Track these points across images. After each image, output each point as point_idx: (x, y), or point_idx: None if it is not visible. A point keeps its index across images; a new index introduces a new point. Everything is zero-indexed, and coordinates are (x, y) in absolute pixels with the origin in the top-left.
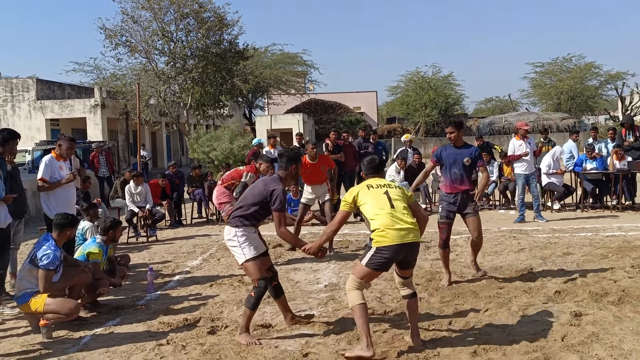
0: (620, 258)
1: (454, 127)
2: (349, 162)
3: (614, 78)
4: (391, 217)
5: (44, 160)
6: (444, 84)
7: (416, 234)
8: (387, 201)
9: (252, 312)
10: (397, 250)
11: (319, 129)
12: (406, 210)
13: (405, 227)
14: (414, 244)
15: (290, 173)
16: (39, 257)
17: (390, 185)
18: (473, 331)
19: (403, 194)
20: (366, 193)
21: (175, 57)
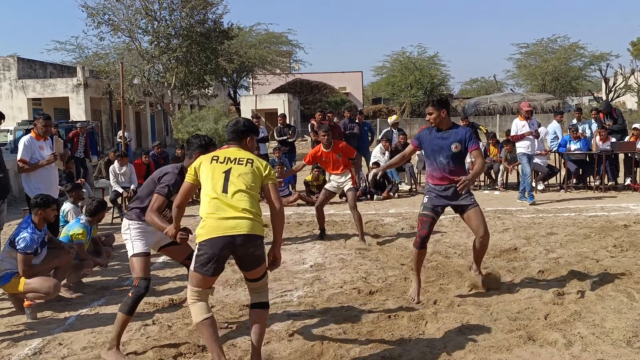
0: (603, 238)
1: (434, 107)
2: None
3: (598, 59)
4: (217, 203)
5: (22, 140)
6: (430, 64)
7: (250, 224)
8: (222, 182)
9: (126, 318)
10: (216, 244)
11: (304, 109)
12: (244, 196)
13: (231, 215)
14: (245, 237)
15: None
16: (16, 241)
17: (241, 160)
18: (458, 310)
19: (252, 174)
20: (207, 167)
21: (159, 36)
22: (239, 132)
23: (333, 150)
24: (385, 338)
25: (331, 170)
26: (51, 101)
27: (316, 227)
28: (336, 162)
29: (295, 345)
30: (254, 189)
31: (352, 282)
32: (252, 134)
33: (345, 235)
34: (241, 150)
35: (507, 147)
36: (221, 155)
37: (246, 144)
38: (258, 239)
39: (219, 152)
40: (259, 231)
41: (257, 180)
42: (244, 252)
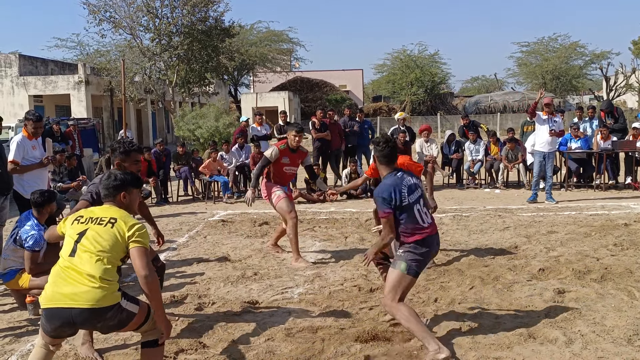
0: (603, 236)
1: None
2: (334, 140)
3: (599, 57)
4: (62, 267)
5: (14, 140)
6: (430, 62)
7: (90, 296)
8: (73, 244)
9: None
10: (53, 315)
11: (305, 107)
12: (92, 259)
13: (72, 284)
14: (83, 312)
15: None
16: (23, 238)
17: (102, 220)
18: (458, 308)
19: (110, 236)
20: (68, 227)
21: (161, 34)
22: (109, 188)
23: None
24: (386, 336)
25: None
26: (52, 98)
27: (316, 226)
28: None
29: (296, 342)
30: (109, 252)
31: (353, 279)
32: (128, 188)
33: (346, 234)
34: (112, 208)
35: (510, 145)
36: (86, 214)
37: (121, 200)
38: (106, 312)
39: (86, 211)
40: (106, 302)
41: (116, 244)
42: (90, 326)
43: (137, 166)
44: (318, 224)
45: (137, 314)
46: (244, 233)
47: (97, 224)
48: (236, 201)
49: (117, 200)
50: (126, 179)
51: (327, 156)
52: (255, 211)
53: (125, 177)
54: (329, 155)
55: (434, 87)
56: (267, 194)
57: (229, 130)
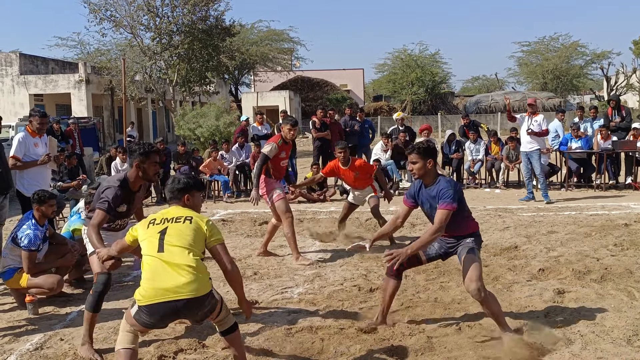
0: (604, 237)
1: (414, 154)
2: (335, 140)
3: (600, 57)
4: (154, 264)
5: (17, 137)
6: (431, 62)
7: (192, 286)
8: (157, 242)
9: (93, 316)
10: (157, 310)
11: (305, 106)
12: (183, 252)
13: (171, 276)
14: (189, 302)
15: (136, 171)
16: (19, 238)
17: (179, 219)
18: (458, 308)
19: (192, 232)
20: (143, 231)
21: (161, 33)
22: (174, 191)
23: (350, 169)
24: (385, 336)
25: (352, 185)
26: (53, 97)
27: (317, 225)
28: (353, 180)
29: (296, 341)
30: (194, 246)
31: (353, 279)
32: (191, 191)
33: (346, 235)
34: (181, 208)
35: (511, 145)
36: (158, 217)
37: (185, 202)
38: (204, 300)
39: (157, 215)
40: (204, 290)
41: (199, 239)
42: (192, 316)
43: (155, 168)
44: (319, 223)
45: (218, 301)
46: (244, 232)
47: (175, 222)
48: (236, 200)
49: (182, 202)
50: (189, 183)
51: (327, 155)
52: (256, 211)
53: (189, 181)
54: (329, 155)
55: (435, 86)
56: (267, 191)
57: (230, 130)
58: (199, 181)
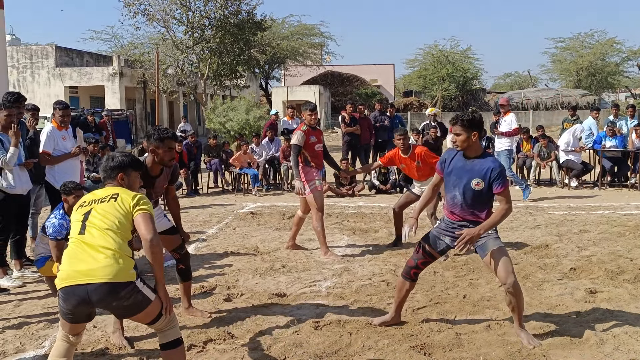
0: (638, 236)
1: (459, 126)
2: (364, 135)
3: (637, 54)
4: (74, 246)
5: (44, 132)
6: (463, 57)
7: (107, 270)
8: (80, 224)
9: None
10: (71, 294)
11: (335, 101)
12: (104, 234)
13: (86, 260)
14: (100, 287)
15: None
16: (46, 226)
17: (104, 199)
18: (488, 305)
19: (115, 210)
20: (74, 214)
21: (194, 27)
22: (108, 170)
23: (411, 158)
24: (413, 331)
25: (412, 177)
26: (87, 89)
27: (345, 220)
28: (415, 170)
29: (324, 335)
30: (120, 227)
31: (381, 274)
32: (126, 169)
33: (374, 229)
34: (112, 188)
35: (543, 142)
36: (88, 198)
37: (119, 182)
38: (121, 288)
39: (87, 196)
40: (122, 277)
41: (123, 216)
42: (106, 304)
43: (170, 153)
44: (346, 218)
45: (152, 301)
46: (273, 225)
47: (100, 202)
48: (265, 194)
49: (116, 182)
50: (124, 161)
51: (356, 150)
52: (284, 204)
53: (124, 159)
54: (358, 150)
55: (466, 82)
56: (306, 180)
57: (259, 124)
58: (136, 160)
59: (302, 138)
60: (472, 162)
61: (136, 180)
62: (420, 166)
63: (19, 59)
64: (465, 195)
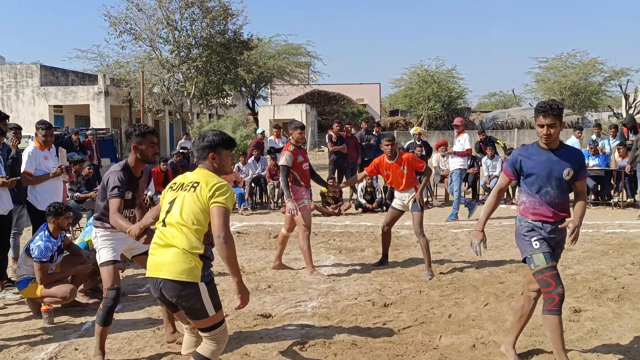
0: (621, 255)
1: (553, 115)
2: (351, 154)
3: (618, 74)
4: (156, 237)
5: (26, 151)
6: (448, 77)
7: (172, 267)
8: (165, 213)
9: (104, 329)
10: (151, 284)
11: (322, 120)
12: (178, 229)
13: (162, 252)
14: (165, 283)
15: (134, 153)
16: (31, 248)
17: (187, 186)
18: (473, 325)
19: (193, 201)
20: (164, 195)
21: (180, 46)
22: (198, 149)
23: (397, 162)
24: (399, 352)
25: (394, 185)
26: (72, 108)
27: (331, 239)
28: (400, 176)
29: (309, 356)
30: (193, 219)
31: (367, 293)
32: (217, 148)
33: (360, 248)
34: (201, 171)
35: None
36: (178, 181)
37: (211, 162)
38: (182, 288)
39: (179, 178)
40: (185, 276)
41: (201, 210)
42: (172, 300)
43: (153, 148)
44: (333, 237)
45: (209, 317)
46: (259, 245)
47: (184, 190)
48: (252, 213)
49: (208, 161)
50: (214, 140)
51: (343, 169)
52: (271, 223)
53: (214, 137)
54: (345, 169)
55: (451, 102)
56: (295, 199)
57: (246, 142)
58: (227, 138)
59: (290, 158)
60: (557, 152)
61: (227, 159)
62: (406, 172)
63: (3, 78)
64: (559, 188)
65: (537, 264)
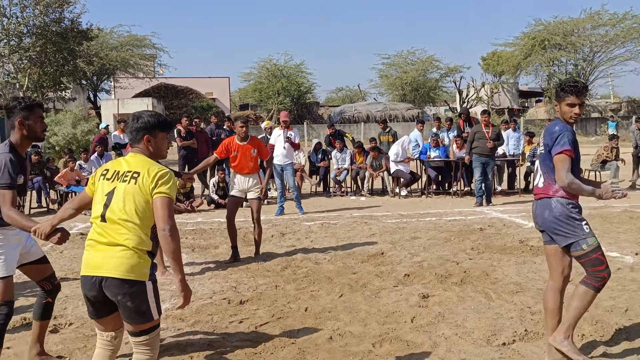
0: (462, 241)
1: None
2: (201, 149)
3: (453, 71)
4: (94, 231)
5: None
6: (296, 72)
7: (118, 263)
8: (102, 206)
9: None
10: (84, 284)
11: (170, 114)
12: (122, 225)
13: (101, 249)
14: (109, 281)
15: (20, 130)
16: None
17: (126, 176)
18: (329, 317)
19: (136, 194)
20: (97, 183)
21: (9, 34)
22: (133, 131)
23: (250, 144)
24: (257, 350)
25: (238, 168)
26: None
27: (183, 237)
28: (249, 159)
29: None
30: (137, 213)
31: (222, 292)
32: (154, 131)
33: (214, 245)
34: (136, 157)
35: (373, 154)
36: (111, 168)
37: (146, 146)
38: (129, 286)
39: (112, 164)
40: (133, 274)
41: (145, 202)
42: (114, 299)
43: (43, 124)
44: (185, 235)
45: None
46: None
47: (122, 180)
48: None
49: (143, 144)
50: (150, 121)
51: (193, 165)
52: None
53: (150, 119)
54: (195, 164)
55: (300, 96)
56: None
57: (88, 138)
58: (164, 119)
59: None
60: None
61: (164, 142)
62: (255, 156)
63: None
64: None
65: (591, 244)
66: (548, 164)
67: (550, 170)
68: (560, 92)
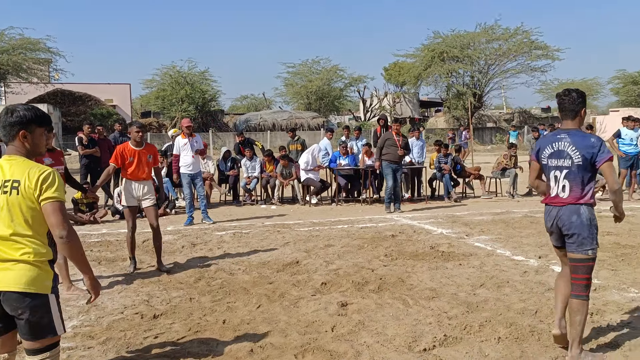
0: (375, 248)
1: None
2: (104, 157)
3: (357, 81)
4: None
5: None
6: (201, 79)
7: (15, 276)
8: None
9: None
10: None
11: (67, 121)
12: (15, 244)
13: None
14: (9, 295)
15: None
16: None
17: (5, 186)
18: (248, 329)
19: (21, 204)
20: None
21: None
22: (6, 126)
23: (146, 150)
24: None
25: (134, 175)
26: None
27: (87, 249)
28: (145, 165)
29: None
30: (28, 224)
31: (134, 306)
32: (31, 126)
33: (122, 257)
34: (11, 160)
35: (283, 162)
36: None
37: (22, 143)
38: (30, 299)
39: None
40: (34, 287)
41: (31, 208)
42: (14, 314)
43: None
44: (90, 247)
45: (45, 333)
46: None
47: (3, 192)
48: None
49: (18, 142)
50: (26, 116)
51: (96, 174)
52: None
53: (25, 112)
54: (98, 173)
55: (205, 104)
56: None
57: None
58: (42, 113)
59: None
60: None
61: (42, 139)
62: (150, 162)
63: None
64: None
65: (595, 252)
66: (578, 174)
67: (580, 179)
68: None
